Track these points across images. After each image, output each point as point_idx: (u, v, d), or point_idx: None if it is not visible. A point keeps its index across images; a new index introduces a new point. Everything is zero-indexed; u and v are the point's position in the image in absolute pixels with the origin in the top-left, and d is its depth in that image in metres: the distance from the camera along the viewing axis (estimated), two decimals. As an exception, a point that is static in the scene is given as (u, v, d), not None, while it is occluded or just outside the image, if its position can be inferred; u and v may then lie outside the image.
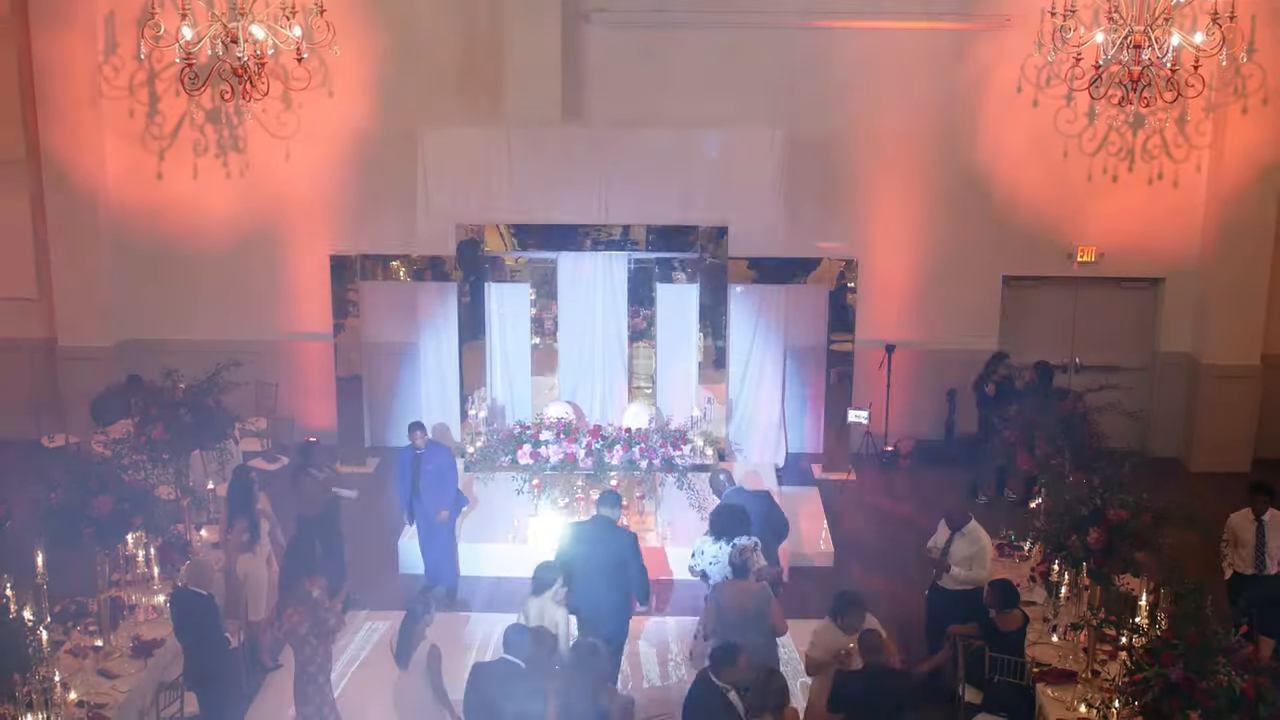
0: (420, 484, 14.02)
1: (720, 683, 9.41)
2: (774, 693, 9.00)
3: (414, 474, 14.04)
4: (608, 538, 11.99)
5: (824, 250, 17.47)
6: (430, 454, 14.06)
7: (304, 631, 11.12)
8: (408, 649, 10.29)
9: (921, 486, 17.51)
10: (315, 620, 11.06)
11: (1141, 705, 8.62)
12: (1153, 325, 18.56)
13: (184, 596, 10.82)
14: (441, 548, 14.31)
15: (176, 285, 18.55)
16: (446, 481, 14.14)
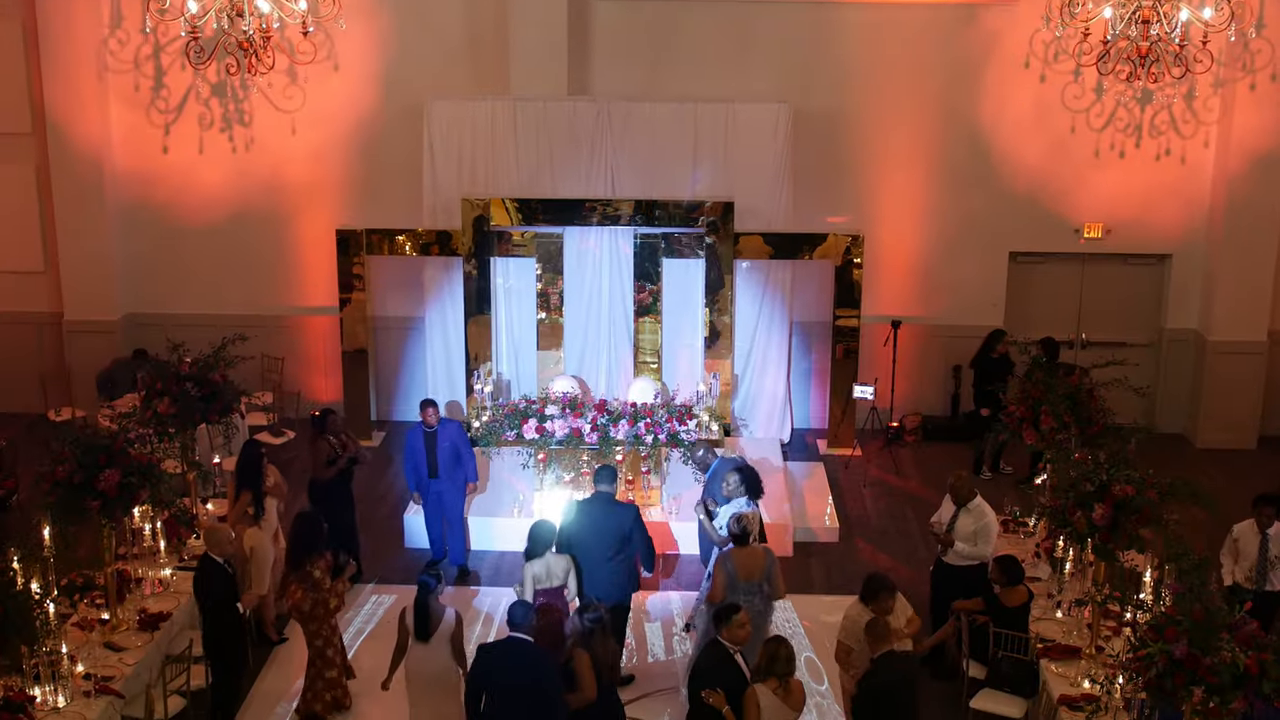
0: (437, 459, 14.02)
1: (728, 644, 9.46)
2: (782, 660, 9.07)
3: (428, 452, 14.03)
4: (609, 513, 12.06)
5: (830, 225, 17.46)
6: (444, 431, 14.06)
7: (308, 608, 11.20)
8: (426, 621, 10.37)
9: (926, 462, 17.52)
10: (316, 599, 11.14)
11: (1145, 681, 8.62)
12: (1159, 301, 18.53)
13: (205, 564, 10.88)
14: (454, 525, 14.32)
15: (182, 259, 18.56)
16: (464, 456, 14.16)
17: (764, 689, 9.09)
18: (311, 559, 11.23)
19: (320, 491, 13.76)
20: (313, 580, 11.20)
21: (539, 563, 11.39)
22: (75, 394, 18.09)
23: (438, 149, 17.24)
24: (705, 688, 9.27)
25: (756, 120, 17.06)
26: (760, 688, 9.10)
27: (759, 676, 9.16)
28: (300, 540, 11.36)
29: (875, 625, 9.66)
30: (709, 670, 9.44)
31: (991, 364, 16.87)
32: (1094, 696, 10.32)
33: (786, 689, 9.09)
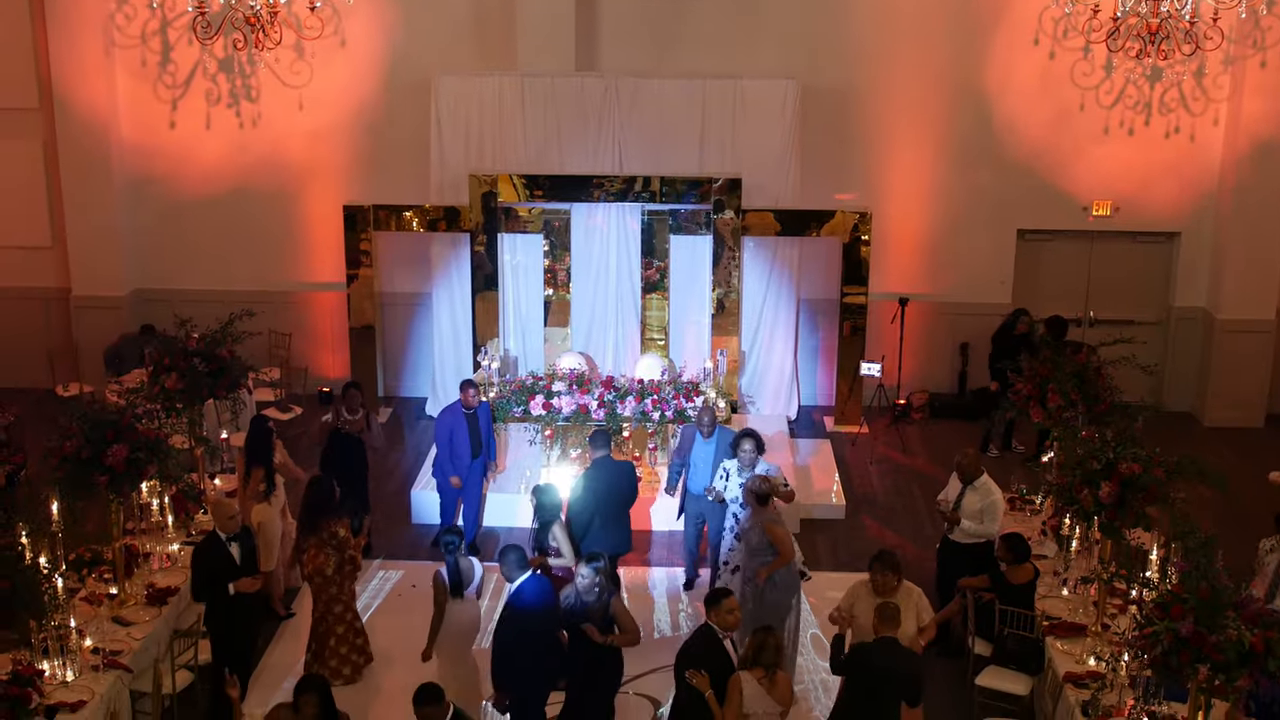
0: (481, 441, 14.02)
1: (717, 628, 9.48)
2: (770, 650, 9.02)
3: (471, 432, 14.01)
4: (618, 471, 12.58)
5: (838, 202, 17.43)
6: (483, 412, 14.12)
7: (331, 570, 11.27)
8: (459, 579, 10.67)
9: (933, 440, 17.52)
10: (342, 559, 11.26)
11: (1151, 659, 8.63)
12: (1168, 279, 18.49)
13: (208, 541, 10.91)
14: (471, 504, 14.33)
15: (190, 234, 18.56)
16: (491, 437, 14.28)
17: (749, 677, 9.03)
18: (329, 520, 11.32)
19: (326, 463, 13.79)
20: (337, 540, 11.30)
21: (557, 525, 11.79)
22: (83, 369, 18.12)
23: (445, 125, 17.21)
24: (691, 668, 9.25)
25: (764, 96, 17.02)
26: (745, 675, 9.04)
27: (745, 664, 9.12)
28: (315, 503, 11.42)
29: (885, 609, 9.63)
30: (696, 652, 9.43)
31: (1012, 340, 16.82)
32: (1099, 674, 10.33)
33: (772, 680, 9.01)
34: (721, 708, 9.06)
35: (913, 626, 10.16)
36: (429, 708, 8.54)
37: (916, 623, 10.20)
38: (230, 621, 10.89)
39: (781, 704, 9.04)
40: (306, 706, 8.74)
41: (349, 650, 11.64)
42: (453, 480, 14.00)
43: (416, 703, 8.57)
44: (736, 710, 9.01)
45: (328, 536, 11.37)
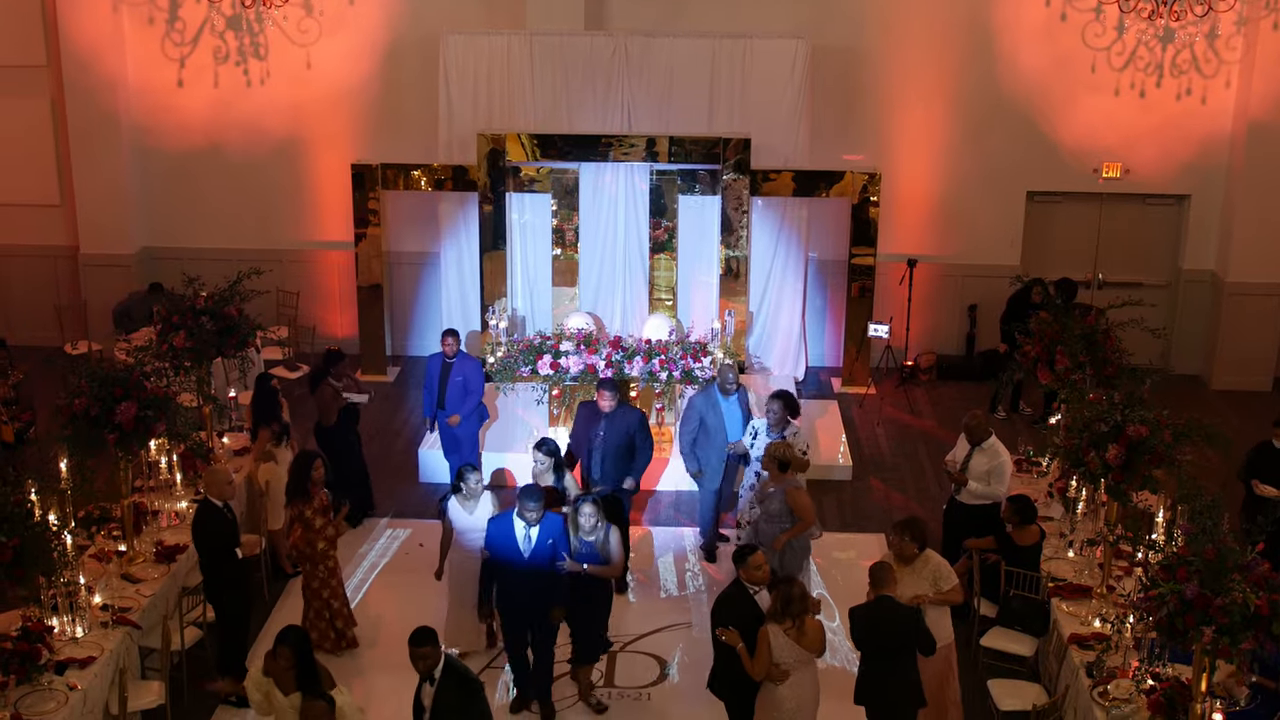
0: (445, 393, 14.06)
1: (747, 584, 9.54)
2: (796, 601, 9.09)
3: (441, 382, 14.07)
4: (624, 414, 12.70)
5: (847, 163, 17.36)
6: (459, 364, 14.08)
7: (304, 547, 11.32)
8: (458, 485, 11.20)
9: (941, 401, 17.53)
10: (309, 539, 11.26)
11: (1156, 621, 8.64)
12: (1177, 242, 18.44)
13: (203, 508, 10.92)
14: (469, 458, 14.37)
15: (198, 193, 18.55)
16: (471, 391, 14.16)
17: (776, 629, 9.13)
18: (301, 499, 11.36)
19: (324, 435, 13.81)
20: (304, 519, 11.30)
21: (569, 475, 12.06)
22: (91, 327, 18.15)
23: (453, 83, 17.16)
24: (721, 625, 9.38)
25: (774, 56, 16.95)
26: (773, 627, 9.14)
27: (772, 618, 9.19)
28: (292, 479, 11.53)
29: (879, 569, 9.66)
30: (726, 609, 9.52)
31: (1027, 308, 16.74)
32: (1104, 635, 10.36)
33: (800, 629, 9.11)
34: (752, 660, 9.20)
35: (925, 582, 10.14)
36: (424, 648, 8.65)
37: (935, 588, 10.18)
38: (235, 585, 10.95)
39: (812, 650, 9.18)
40: (281, 658, 8.91)
41: (326, 626, 11.66)
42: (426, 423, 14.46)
43: (411, 643, 8.68)
44: (765, 662, 9.14)
45: (310, 515, 11.37)
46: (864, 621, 9.55)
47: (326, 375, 13.91)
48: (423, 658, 8.64)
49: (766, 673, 9.19)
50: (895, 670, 9.51)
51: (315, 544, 11.37)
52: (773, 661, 9.14)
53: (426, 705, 8.67)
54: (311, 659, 9.01)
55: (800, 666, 9.19)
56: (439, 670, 8.66)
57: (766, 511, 11.42)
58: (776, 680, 9.19)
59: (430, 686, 8.67)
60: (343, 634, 11.71)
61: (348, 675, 11.09)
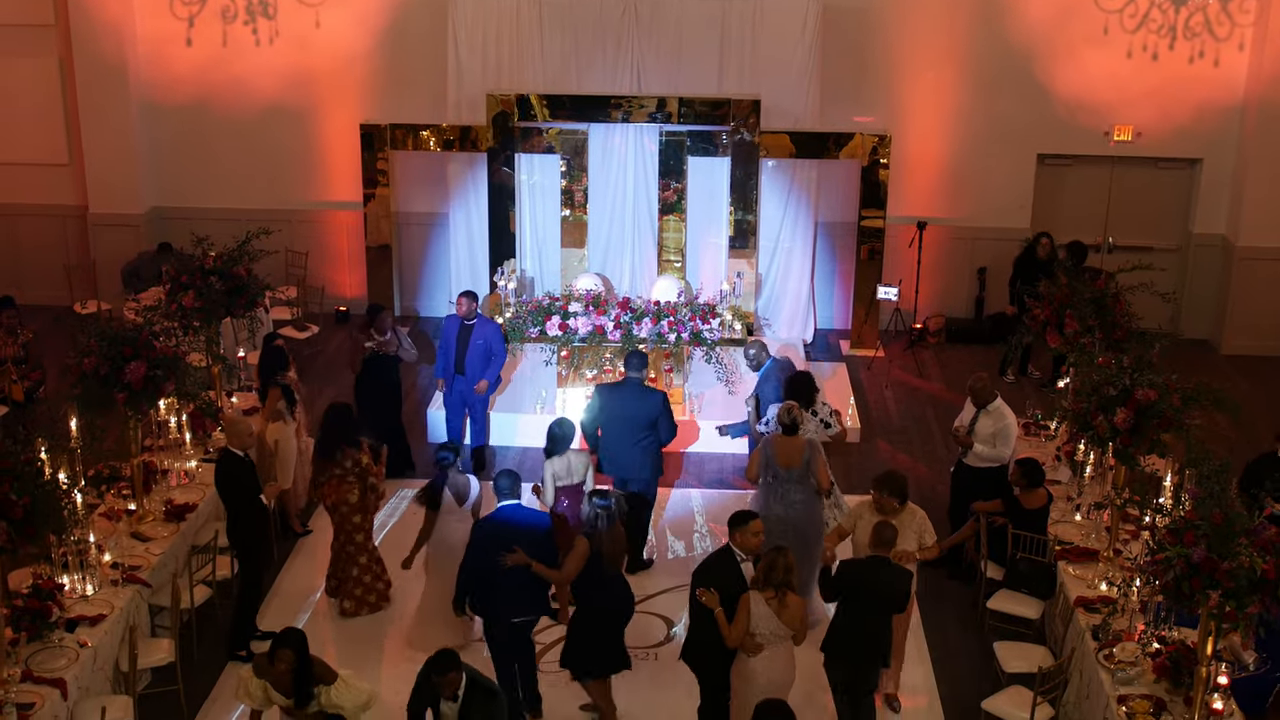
0: (467, 356, 14.03)
1: (736, 549, 9.51)
2: (780, 570, 9.00)
3: (459, 346, 14.05)
4: (639, 398, 12.33)
5: (857, 125, 17.30)
6: (480, 328, 14.05)
7: (355, 500, 11.35)
8: (438, 491, 10.77)
9: (949, 364, 17.52)
10: (363, 488, 11.33)
11: (1162, 584, 8.66)
12: (1188, 206, 18.37)
13: (225, 457, 10.96)
14: (477, 420, 14.38)
15: (207, 153, 18.52)
16: (496, 354, 14.14)
17: (759, 597, 9.05)
18: (350, 448, 11.38)
19: (359, 387, 13.84)
20: (360, 468, 11.36)
21: (559, 460, 11.50)
22: (100, 287, 18.16)
23: (462, 43, 17.10)
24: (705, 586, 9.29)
25: (784, 15, 16.87)
26: (755, 595, 9.07)
27: (756, 585, 9.13)
28: (335, 430, 11.48)
29: (882, 530, 9.67)
30: (711, 570, 9.48)
31: (1034, 264, 16.74)
32: (1110, 599, 10.40)
33: (782, 601, 9.01)
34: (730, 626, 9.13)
35: (912, 540, 10.21)
36: (450, 674, 8.38)
37: (918, 544, 10.24)
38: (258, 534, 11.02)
39: (790, 626, 9.06)
40: (281, 662, 8.69)
41: (372, 579, 11.74)
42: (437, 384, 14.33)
43: (435, 669, 8.40)
44: (742, 629, 9.06)
45: (350, 465, 11.42)
46: (854, 578, 9.56)
47: (368, 328, 13.90)
48: (449, 684, 8.41)
49: (741, 641, 9.10)
50: (870, 628, 9.51)
51: (375, 488, 11.56)
52: (749, 631, 9.07)
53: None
54: (310, 662, 8.81)
55: (776, 642, 9.08)
56: (462, 688, 8.47)
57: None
58: (750, 652, 9.10)
59: (453, 704, 8.47)
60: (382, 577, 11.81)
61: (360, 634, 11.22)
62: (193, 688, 10.58)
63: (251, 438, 11.18)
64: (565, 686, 10.50)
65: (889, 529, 9.69)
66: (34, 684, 9.27)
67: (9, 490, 8.85)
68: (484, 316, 14.34)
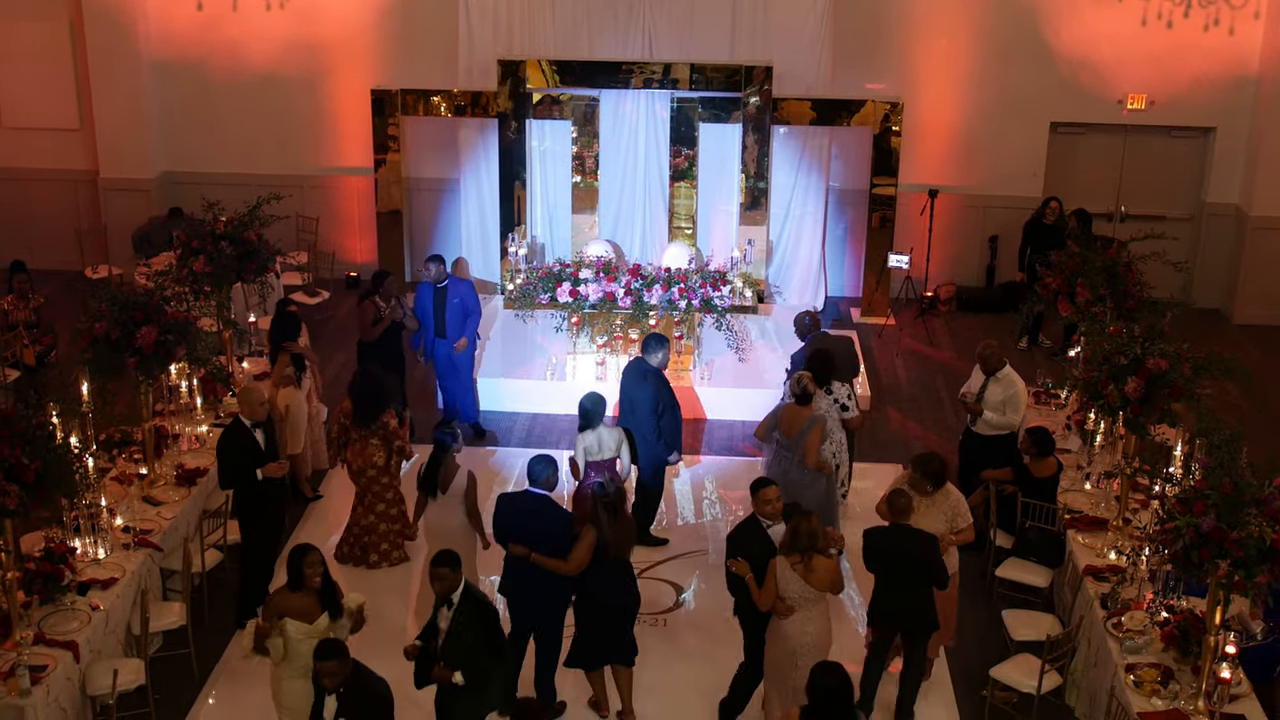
0: (446, 318, 14.05)
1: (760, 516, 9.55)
2: (803, 536, 9.05)
3: (436, 310, 14.06)
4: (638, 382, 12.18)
5: (870, 92, 17.22)
6: (453, 288, 14.04)
7: (382, 463, 11.39)
8: (435, 477, 10.58)
9: (960, 333, 17.49)
10: (390, 451, 11.38)
11: (1171, 554, 8.66)
12: (1201, 175, 18.29)
13: (233, 427, 10.97)
14: (463, 384, 14.40)
15: (217, 118, 18.50)
16: (471, 312, 14.13)
17: (784, 562, 9.12)
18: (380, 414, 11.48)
19: (366, 353, 13.85)
20: (386, 431, 11.40)
21: (590, 434, 11.39)
22: (112, 251, 18.18)
23: (474, 8, 17.03)
24: (733, 556, 9.41)
25: (797, -18, 16.80)
26: (781, 560, 9.14)
27: (782, 550, 9.21)
28: (372, 397, 11.52)
29: (895, 497, 9.68)
30: (740, 539, 9.56)
31: (1042, 230, 16.70)
32: (1119, 568, 10.41)
33: (808, 565, 9.04)
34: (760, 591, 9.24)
35: (941, 528, 10.10)
36: (442, 569, 8.55)
37: (949, 526, 10.17)
38: (260, 507, 11.01)
39: (819, 588, 9.10)
40: (310, 568, 8.65)
41: (397, 534, 11.84)
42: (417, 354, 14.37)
43: (432, 563, 8.61)
44: (771, 594, 9.16)
45: (377, 428, 11.47)
46: (877, 546, 9.61)
47: (373, 294, 13.90)
48: (440, 579, 8.55)
49: (771, 605, 9.20)
50: (908, 598, 9.60)
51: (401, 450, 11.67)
52: (779, 595, 9.15)
53: (442, 628, 8.66)
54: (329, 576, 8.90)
55: (807, 604, 9.14)
56: (458, 595, 8.62)
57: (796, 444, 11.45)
58: (781, 615, 9.19)
59: (448, 610, 8.63)
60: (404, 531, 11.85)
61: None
62: (204, 651, 10.64)
63: (263, 409, 11.17)
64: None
65: (902, 496, 9.70)
66: (46, 646, 9.34)
67: (21, 454, 8.87)
68: (455, 277, 14.34)
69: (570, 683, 10.23)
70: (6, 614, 9.37)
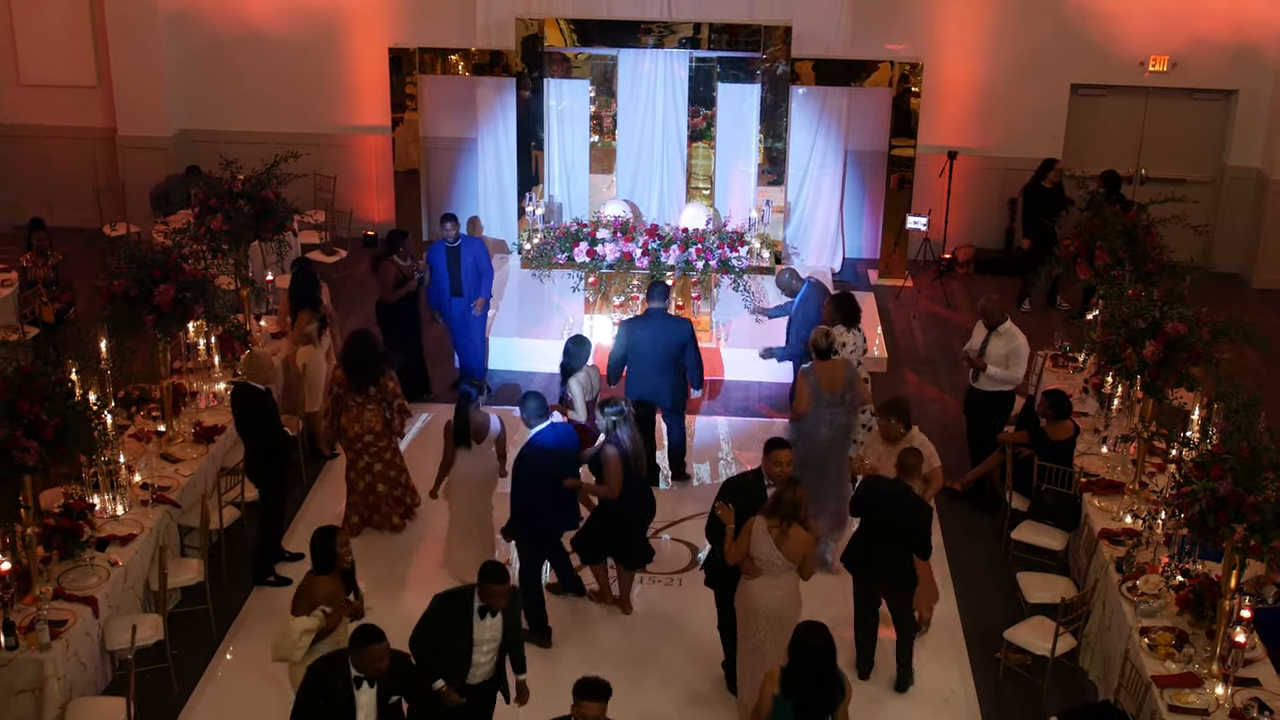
0: (460, 276, 14.06)
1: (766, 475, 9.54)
2: (786, 504, 8.96)
3: (450, 269, 14.06)
4: (667, 328, 12.40)
5: (889, 52, 17.12)
6: (466, 247, 14.06)
7: (380, 427, 11.40)
8: (466, 429, 10.74)
9: (978, 295, 17.38)
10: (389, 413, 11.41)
11: (1188, 518, 8.66)
12: (1223, 138, 18.18)
13: (242, 391, 10.99)
14: (475, 341, 14.43)
15: (235, 76, 18.48)
16: (484, 270, 14.17)
17: (762, 522, 9.04)
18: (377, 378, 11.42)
19: (386, 313, 13.88)
20: (385, 393, 11.41)
21: (582, 375, 11.72)
22: (130, 209, 18.20)
23: (491, -35, 16.98)
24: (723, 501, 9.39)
25: (817, -59, 16.69)
26: (760, 520, 9.06)
27: (764, 511, 9.12)
28: (368, 359, 11.48)
29: (907, 457, 9.69)
30: (736, 487, 9.57)
31: (1042, 194, 16.65)
32: (1135, 531, 10.41)
33: (784, 533, 8.95)
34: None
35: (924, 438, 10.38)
36: (494, 585, 8.26)
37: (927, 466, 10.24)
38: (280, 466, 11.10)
39: (790, 558, 9.00)
40: (342, 547, 8.64)
41: (401, 494, 11.84)
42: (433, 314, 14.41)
43: (482, 579, 8.29)
44: (741, 549, 9.10)
45: (375, 392, 11.46)
46: (876, 498, 9.66)
47: (391, 255, 13.92)
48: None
49: (738, 560, 9.15)
50: (889, 555, 9.66)
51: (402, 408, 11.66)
52: (749, 554, 9.09)
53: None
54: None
55: (775, 570, 9.04)
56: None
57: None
58: (747, 574, 9.15)
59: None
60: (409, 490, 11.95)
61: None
62: (221, 607, 10.71)
63: (272, 372, 11.18)
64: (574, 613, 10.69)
65: (912, 454, 9.72)
66: (66, 601, 9.41)
67: (40, 410, 8.92)
68: (468, 236, 14.35)
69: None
70: (26, 569, 9.44)
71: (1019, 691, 10.04)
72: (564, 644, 10.43)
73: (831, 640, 7.76)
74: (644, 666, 10.22)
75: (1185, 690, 8.78)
